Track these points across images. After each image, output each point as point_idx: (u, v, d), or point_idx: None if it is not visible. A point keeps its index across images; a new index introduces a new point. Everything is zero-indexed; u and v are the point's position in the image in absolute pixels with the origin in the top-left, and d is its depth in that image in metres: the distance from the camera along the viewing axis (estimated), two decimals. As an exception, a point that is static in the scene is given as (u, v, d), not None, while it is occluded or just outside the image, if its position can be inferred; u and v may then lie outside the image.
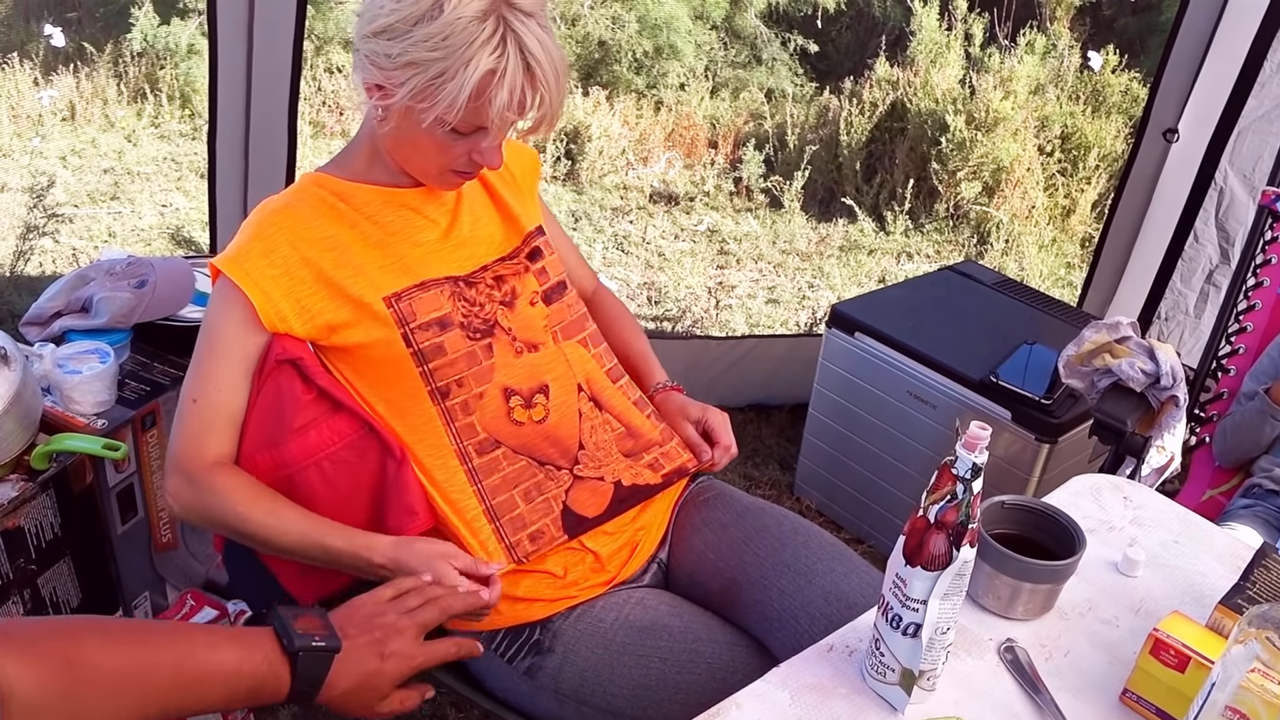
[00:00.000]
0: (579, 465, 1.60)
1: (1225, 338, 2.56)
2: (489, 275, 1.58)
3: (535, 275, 1.62)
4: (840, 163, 5.45)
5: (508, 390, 1.55)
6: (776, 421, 3.54)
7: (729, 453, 1.75)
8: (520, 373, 1.56)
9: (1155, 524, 1.62)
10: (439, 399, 1.51)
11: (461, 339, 1.51)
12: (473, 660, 1.61)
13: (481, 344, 1.53)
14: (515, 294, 1.59)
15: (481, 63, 1.34)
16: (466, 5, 1.34)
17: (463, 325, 1.52)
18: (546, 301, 1.62)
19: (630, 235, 4.91)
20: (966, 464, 1.11)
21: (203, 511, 1.48)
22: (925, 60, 5.57)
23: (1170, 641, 1.21)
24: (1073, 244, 5.12)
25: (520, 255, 1.63)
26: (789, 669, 1.26)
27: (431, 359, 1.50)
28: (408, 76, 1.37)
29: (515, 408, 1.55)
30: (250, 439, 1.52)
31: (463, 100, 1.36)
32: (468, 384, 1.52)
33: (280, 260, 1.47)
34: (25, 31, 5.67)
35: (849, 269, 4.78)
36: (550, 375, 1.59)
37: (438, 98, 1.36)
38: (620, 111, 5.64)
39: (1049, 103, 5.47)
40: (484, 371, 1.53)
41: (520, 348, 1.57)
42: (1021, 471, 2.56)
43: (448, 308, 1.51)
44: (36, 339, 2.09)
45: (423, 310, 1.50)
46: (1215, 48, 3.09)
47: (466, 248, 1.59)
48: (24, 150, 4.87)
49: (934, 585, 1.13)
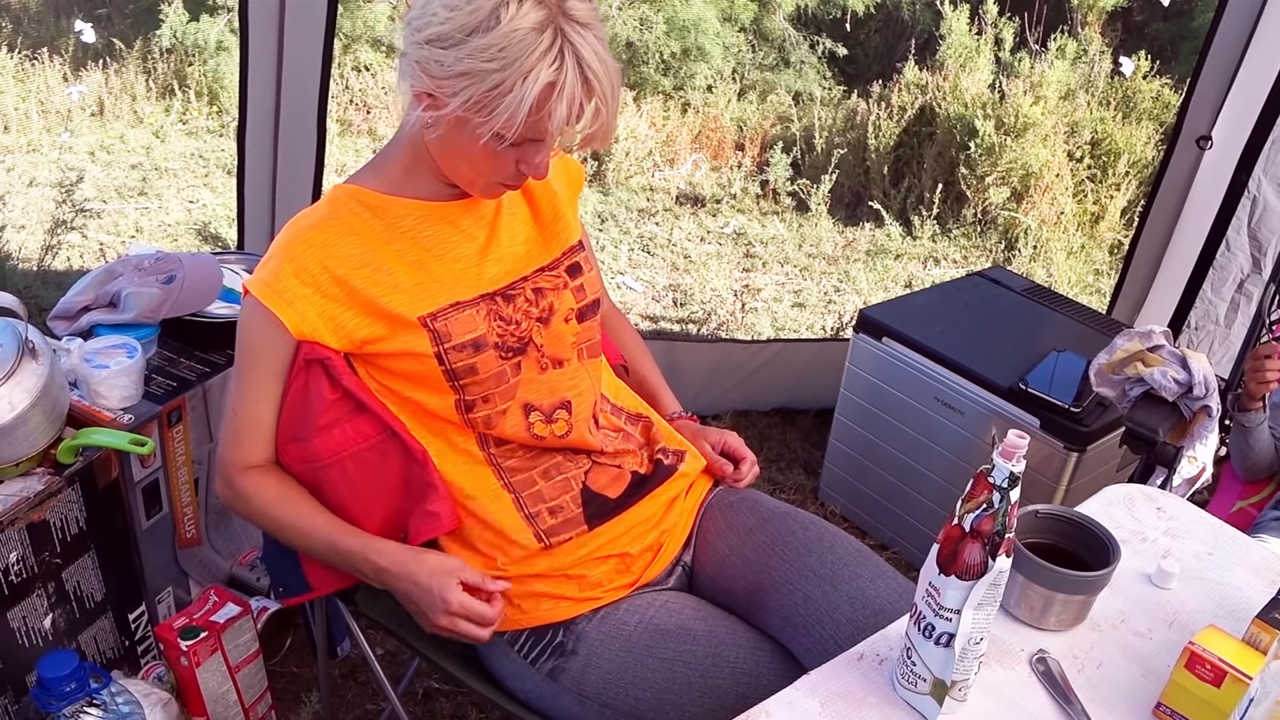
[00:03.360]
0: (595, 455, 1.61)
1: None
2: (529, 287, 1.56)
3: (573, 292, 1.60)
4: (868, 166, 5.43)
5: (528, 406, 1.54)
6: (802, 426, 3.53)
7: (754, 468, 1.76)
8: (542, 389, 1.55)
9: (1189, 535, 1.59)
10: (463, 409, 1.52)
11: (494, 359, 1.50)
12: (495, 662, 1.61)
13: (511, 362, 1.52)
14: (552, 310, 1.57)
15: (541, 75, 1.31)
16: (524, 16, 1.30)
17: (497, 346, 1.50)
18: (580, 319, 1.61)
19: (656, 237, 4.90)
20: (1004, 473, 1.09)
21: (240, 510, 1.57)
22: (955, 64, 5.54)
23: (1206, 655, 1.19)
24: (1101, 251, 5.08)
25: (560, 268, 1.61)
26: (819, 676, 1.25)
27: (463, 377, 1.49)
28: (462, 87, 1.33)
29: (535, 423, 1.55)
30: (283, 431, 1.54)
31: (522, 114, 1.32)
32: (493, 400, 1.51)
33: (311, 279, 1.45)
34: (55, 27, 5.71)
35: (875, 273, 4.76)
36: (573, 392, 1.58)
37: (494, 110, 1.33)
38: (647, 113, 5.64)
39: (1079, 108, 5.43)
40: (509, 389, 1.52)
41: (546, 364, 1.56)
42: (1049, 480, 2.54)
43: (483, 329, 1.49)
44: (64, 333, 2.10)
45: (458, 331, 1.48)
46: (1250, 55, 3.05)
47: (505, 262, 1.56)
48: (53, 145, 4.90)
49: (968, 595, 1.12)
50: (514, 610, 1.56)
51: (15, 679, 1.83)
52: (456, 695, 2.32)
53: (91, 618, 1.98)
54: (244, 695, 2.09)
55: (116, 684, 1.80)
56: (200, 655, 1.98)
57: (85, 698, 1.71)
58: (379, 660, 1.75)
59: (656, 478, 1.66)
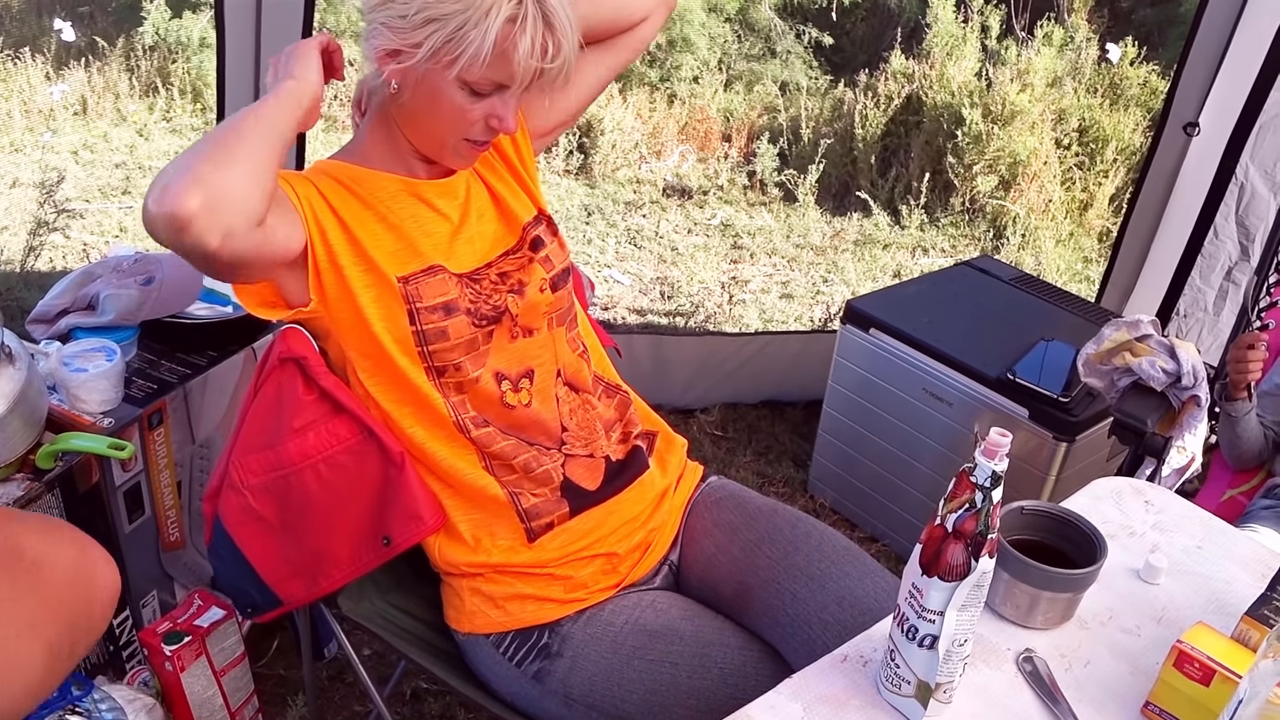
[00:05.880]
0: (566, 445, 1.59)
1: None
2: (493, 272, 1.56)
3: (541, 264, 1.60)
4: (855, 156, 5.41)
5: (499, 374, 1.53)
6: (790, 418, 3.51)
7: None
8: (511, 357, 1.54)
9: (1177, 529, 1.58)
10: (434, 375, 1.50)
11: (466, 325, 1.49)
12: (480, 663, 1.60)
13: (484, 330, 1.51)
14: (524, 284, 1.57)
15: (502, 9, 1.34)
16: None
17: (469, 311, 1.49)
18: (554, 289, 1.61)
19: (643, 229, 4.88)
20: (986, 472, 1.08)
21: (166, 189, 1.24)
22: (941, 53, 5.52)
23: (1194, 654, 1.18)
24: (1090, 238, 5.07)
25: (523, 248, 1.61)
26: (802, 679, 1.24)
27: (432, 341, 1.47)
28: (427, 34, 1.35)
29: (506, 392, 1.54)
30: (245, 440, 1.51)
31: (486, 50, 1.35)
32: (464, 368, 1.50)
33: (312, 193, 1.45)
34: (37, 26, 5.66)
35: (864, 263, 4.75)
36: (536, 361, 1.58)
37: (459, 51, 1.36)
38: (633, 105, 5.61)
39: (1066, 95, 5.42)
40: (480, 356, 1.51)
41: (518, 333, 1.55)
42: (1039, 470, 2.53)
43: (454, 293, 1.49)
44: (43, 337, 2.08)
45: (429, 294, 1.47)
46: (1237, 41, 3.04)
47: (474, 244, 1.57)
48: (35, 145, 4.87)
49: (951, 596, 1.10)
50: (498, 612, 1.55)
51: (-3, 687, 1.81)
52: (445, 696, 2.31)
53: (74, 624, 1.96)
54: (230, 699, 2.07)
55: (100, 690, 1.78)
56: (185, 660, 1.96)
57: (68, 705, 1.69)
58: (366, 661, 1.74)
59: (633, 467, 1.65)
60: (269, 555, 1.57)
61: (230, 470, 1.54)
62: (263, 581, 1.58)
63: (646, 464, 1.68)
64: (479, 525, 1.55)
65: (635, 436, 1.68)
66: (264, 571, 1.57)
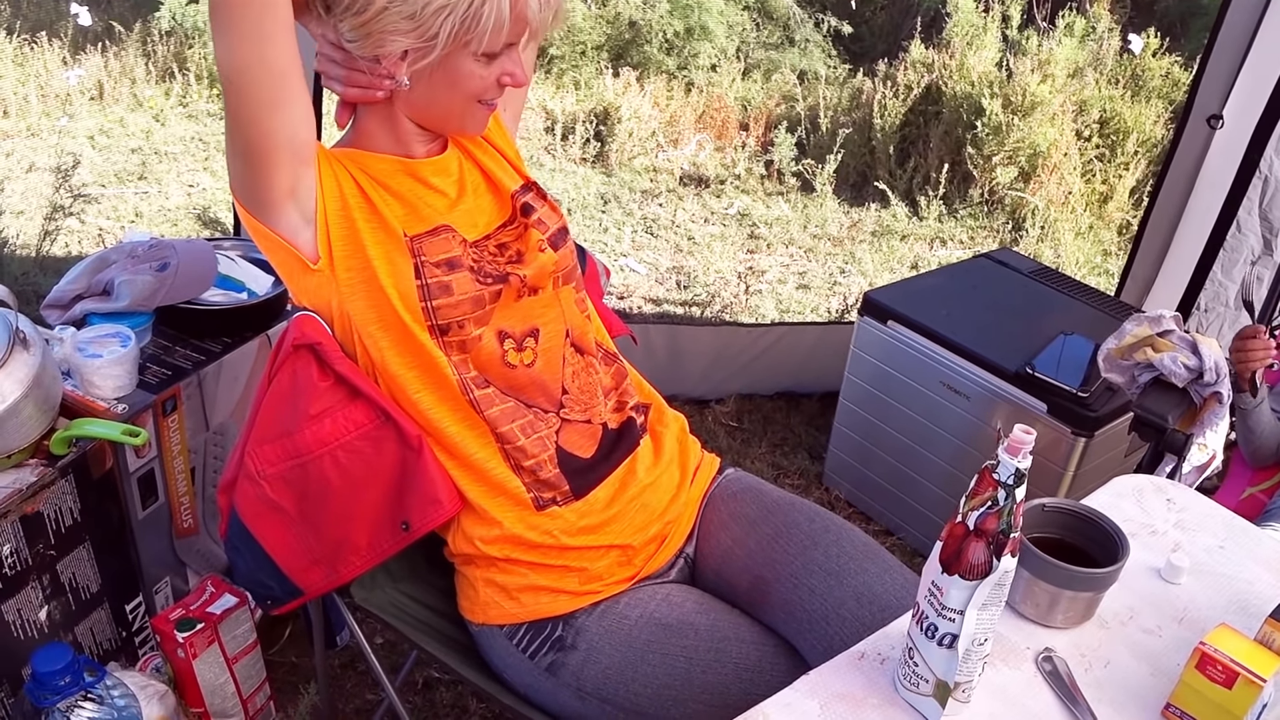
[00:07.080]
0: (564, 409, 1.57)
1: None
2: (492, 244, 1.55)
3: (535, 227, 1.59)
4: (873, 146, 5.38)
5: (502, 333, 1.51)
6: (806, 410, 3.50)
7: None
8: (515, 316, 1.53)
9: (1199, 528, 1.56)
10: (437, 334, 1.48)
11: (470, 282, 1.47)
12: (493, 655, 1.59)
13: (491, 289, 1.49)
14: (523, 253, 1.56)
15: None
16: None
17: (473, 269, 1.48)
18: (554, 247, 1.60)
19: (660, 218, 4.86)
20: (1009, 469, 1.06)
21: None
22: (961, 42, 5.48)
23: (1217, 656, 1.16)
24: (1110, 231, 5.03)
25: (516, 219, 1.61)
26: (818, 677, 1.22)
27: (436, 296, 1.46)
28: (441, 22, 1.36)
29: (509, 350, 1.52)
30: (260, 430, 1.50)
31: (505, 17, 1.38)
32: (467, 326, 1.48)
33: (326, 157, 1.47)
34: (54, 10, 5.67)
35: (881, 254, 4.72)
36: (542, 320, 1.56)
37: (477, 28, 1.37)
38: (651, 93, 5.59)
39: (1087, 87, 5.37)
40: (484, 315, 1.49)
41: (524, 292, 1.54)
42: (1057, 465, 2.51)
43: (458, 251, 1.49)
44: (57, 322, 2.07)
45: (434, 251, 1.47)
46: (1262, 33, 3.00)
47: (473, 216, 1.56)
48: (52, 130, 4.87)
49: (972, 595, 1.09)
50: (512, 603, 1.54)
51: (11, 672, 1.81)
52: (457, 685, 2.30)
53: (88, 609, 1.96)
54: (242, 686, 2.07)
55: (112, 677, 1.78)
56: (197, 647, 1.96)
57: (80, 691, 1.69)
58: (378, 649, 1.74)
59: (629, 438, 1.63)
60: (288, 545, 1.56)
61: (247, 460, 1.53)
62: (282, 572, 1.57)
63: (639, 438, 1.66)
64: (484, 497, 1.54)
65: (630, 407, 1.67)
66: (283, 561, 1.57)
